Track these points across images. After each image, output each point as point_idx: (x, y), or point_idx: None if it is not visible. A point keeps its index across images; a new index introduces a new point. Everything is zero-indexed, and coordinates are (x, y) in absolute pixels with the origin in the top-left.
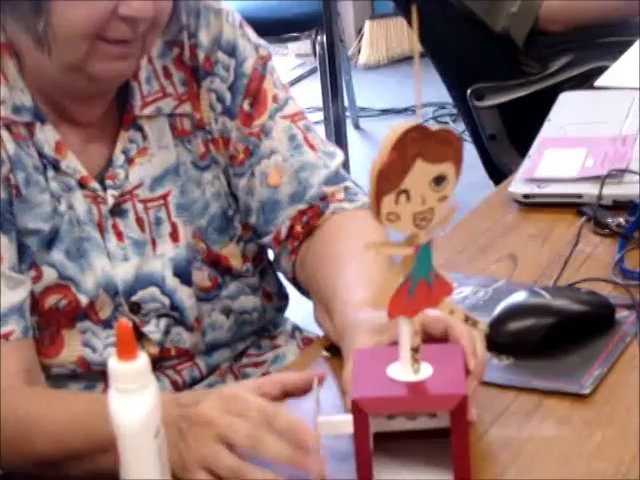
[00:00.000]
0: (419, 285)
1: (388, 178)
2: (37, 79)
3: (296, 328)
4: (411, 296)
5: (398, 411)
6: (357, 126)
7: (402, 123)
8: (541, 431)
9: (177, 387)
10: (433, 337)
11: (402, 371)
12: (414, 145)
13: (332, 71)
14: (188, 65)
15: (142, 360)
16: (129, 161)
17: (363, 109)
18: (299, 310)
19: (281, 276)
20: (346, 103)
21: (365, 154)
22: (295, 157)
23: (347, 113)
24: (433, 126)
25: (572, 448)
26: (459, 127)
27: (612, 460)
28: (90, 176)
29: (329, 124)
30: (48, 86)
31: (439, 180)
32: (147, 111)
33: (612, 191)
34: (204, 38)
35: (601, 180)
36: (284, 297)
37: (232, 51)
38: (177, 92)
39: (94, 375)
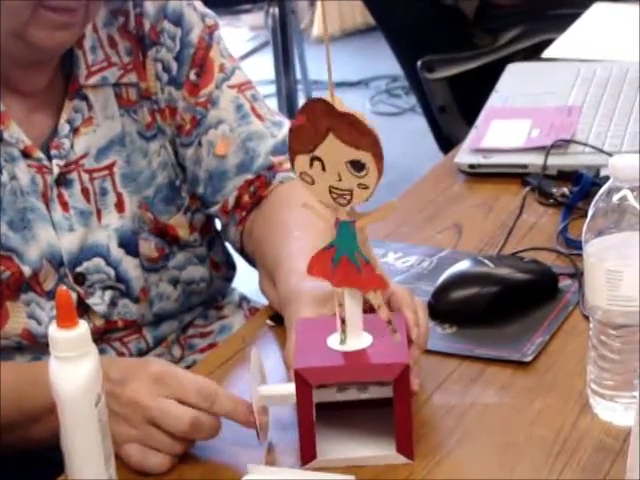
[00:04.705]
0: (341, 260)
1: (299, 138)
2: None
3: (243, 298)
4: (335, 266)
5: (341, 381)
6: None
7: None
8: (483, 398)
9: None
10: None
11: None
12: (324, 118)
13: (284, 44)
14: (133, 34)
15: (82, 328)
16: (74, 131)
17: (316, 82)
18: (248, 281)
19: (229, 246)
20: (299, 76)
21: None
22: (242, 127)
23: (300, 86)
24: (345, 108)
25: (513, 415)
26: (411, 100)
27: (552, 427)
28: (35, 146)
29: (281, 97)
30: None
31: (357, 166)
32: (92, 80)
33: (557, 161)
34: (150, 7)
35: (546, 150)
36: (232, 267)
37: (178, 20)
38: (122, 61)
39: (40, 347)
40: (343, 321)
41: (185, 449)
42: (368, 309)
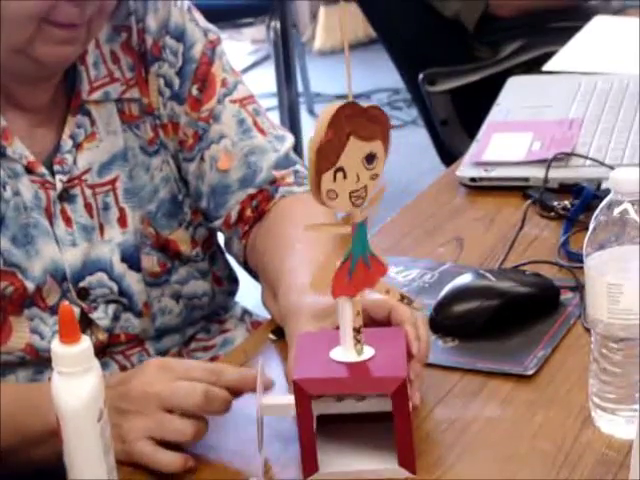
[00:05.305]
0: (357, 265)
1: (326, 156)
2: None
3: (245, 312)
4: (351, 276)
5: (339, 392)
6: (311, 111)
7: (335, 103)
8: (485, 412)
9: None
10: (376, 321)
11: (344, 353)
12: (347, 123)
13: (286, 57)
14: (136, 50)
15: (84, 343)
16: (77, 146)
17: (317, 95)
18: (250, 295)
19: (232, 261)
20: (300, 89)
21: None
22: (244, 141)
23: (301, 99)
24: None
25: (515, 428)
26: (413, 112)
27: (554, 440)
28: (38, 161)
29: (283, 110)
30: None
31: (370, 158)
32: (95, 96)
33: (558, 174)
34: (152, 23)
35: (547, 163)
36: (234, 281)
37: (180, 36)
38: (125, 77)
39: (42, 362)
40: (359, 331)
41: (200, 432)
42: (369, 323)
